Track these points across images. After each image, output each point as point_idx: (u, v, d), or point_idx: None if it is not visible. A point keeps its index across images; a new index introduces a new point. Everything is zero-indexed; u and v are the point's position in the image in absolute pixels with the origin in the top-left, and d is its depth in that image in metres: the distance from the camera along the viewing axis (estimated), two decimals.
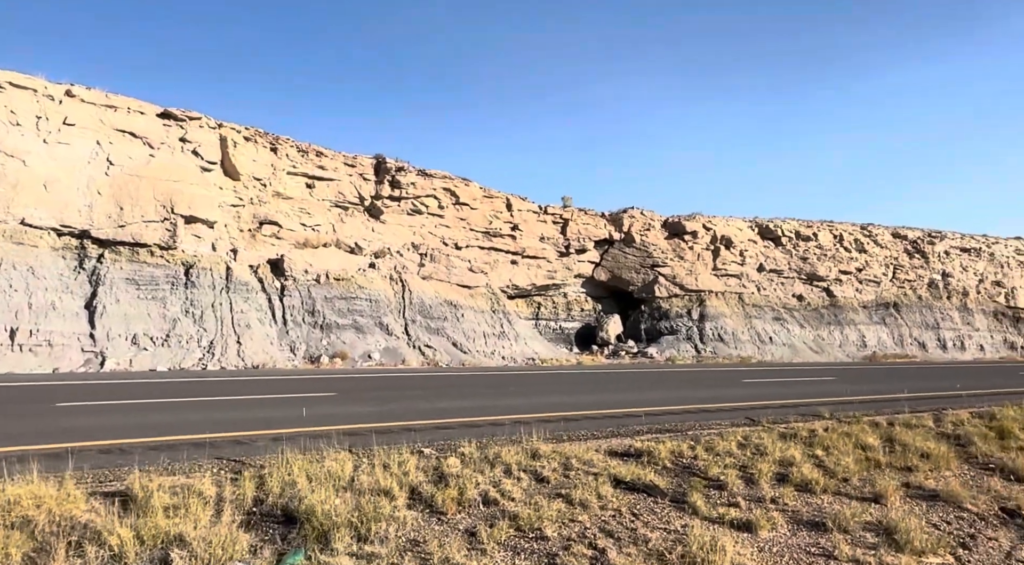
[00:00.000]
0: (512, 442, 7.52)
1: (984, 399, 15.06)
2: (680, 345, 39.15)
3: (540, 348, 35.22)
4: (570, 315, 40.44)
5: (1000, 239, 57.91)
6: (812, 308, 45.41)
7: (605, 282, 41.42)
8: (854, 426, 9.82)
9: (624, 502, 6.17)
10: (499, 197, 37.45)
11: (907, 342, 47.47)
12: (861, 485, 7.33)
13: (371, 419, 9.73)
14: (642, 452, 7.55)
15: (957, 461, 8.84)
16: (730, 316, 41.68)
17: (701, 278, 41.88)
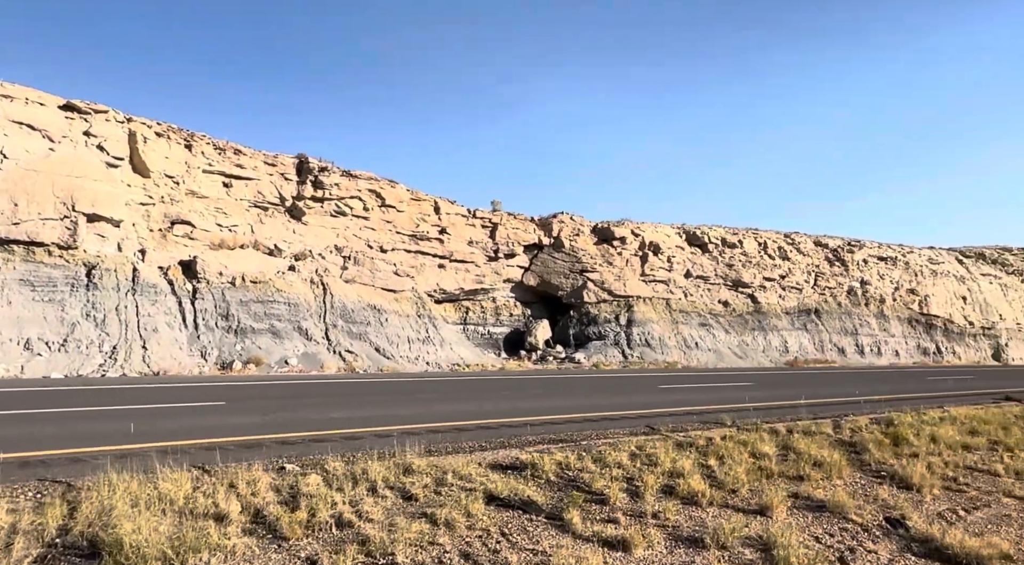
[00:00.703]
0: (388, 456, 7.04)
1: (889, 404, 15.32)
2: (608, 350, 39.25)
3: (466, 353, 34.73)
4: (499, 320, 40.09)
5: (915, 248, 60.31)
6: (737, 314, 46.24)
7: (534, 287, 41.25)
8: (752, 434, 9.68)
9: (495, 521, 5.76)
10: (427, 200, 36.86)
11: (827, 348, 48.82)
12: (750, 496, 7.11)
13: (249, 431, 9.09)
14: (527, 465, 7.16)
15: (850, 469, 8.76)
16: (657, 322, 42.04)
17: (629, 284, 42.13)
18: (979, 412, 13.24)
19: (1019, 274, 67.59)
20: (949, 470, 9.07)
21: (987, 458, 10.07)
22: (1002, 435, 11.32)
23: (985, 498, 8.17)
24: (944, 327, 57.35)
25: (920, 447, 10.00)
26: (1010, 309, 63.41)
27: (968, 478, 8.97)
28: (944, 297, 58.46)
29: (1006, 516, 7.55)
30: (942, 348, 56.20)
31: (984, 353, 59.22)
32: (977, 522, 7.21)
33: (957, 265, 62.10)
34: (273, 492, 5.70)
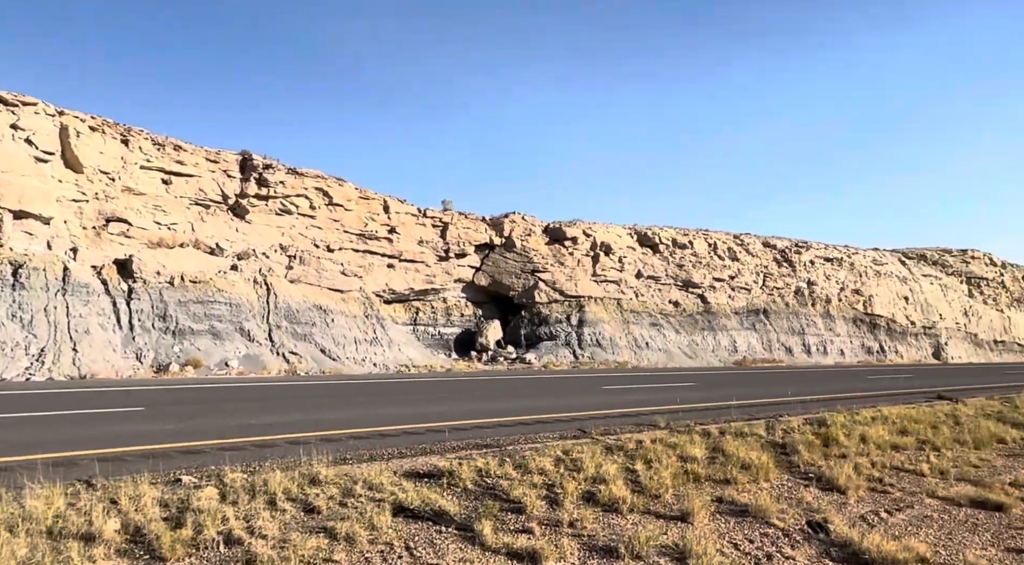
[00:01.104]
0: (297, 465, 6.70)
1: (827, 404, 15.43)
2: (559, 351, 39.20)
3: (415, 354, 34.30)
4: (449, 320, 39.72)
5: (859, 250, 61.72)
6: (687, 314, 46.65)
7: (486, 287, 40.98)
8: (684, 436, 9.57)
9: (402, 533, 5.48)
10: (376, 199, 36.30)
11: (775, 347, 49.60)
12: (673, 502, 6.96)
13: (158, 439, 8.64)
14: (444, 473, 6.89)
15: (778, 471, 8.70)
16: (608, 322, 42.15)
17: (581, 284, 42.16)
18: (911, 411, 13.41)
19: (958, 275, 69.73)
20: (876, 471, 9.08)
21: (914, 458, 10.14)
22: (930, 434, 11.45)
23: (909, 499, 8.18)
24: (887, 327, 58.81)
25: (850, 448, 10.02)
26: (949, 309, 65.35)
27: (894, 479, 8.99)
28: (887, 297, 59.96)
29: (927, 517, 7.54)
30: (885, 347, 57.61)
31: (925, 352, 60.91)
32: (899, 524, 7.18)
33: (900, 266, 63.76)
34: (160, 507, 5.32)
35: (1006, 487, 8.95)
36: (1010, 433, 12.47)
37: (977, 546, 6.74)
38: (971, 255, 72.26)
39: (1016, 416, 14.18)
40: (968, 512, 7.91)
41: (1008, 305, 73.09)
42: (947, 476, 9.35)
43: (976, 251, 73.20)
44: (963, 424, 12.90)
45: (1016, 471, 10.12)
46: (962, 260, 71.18)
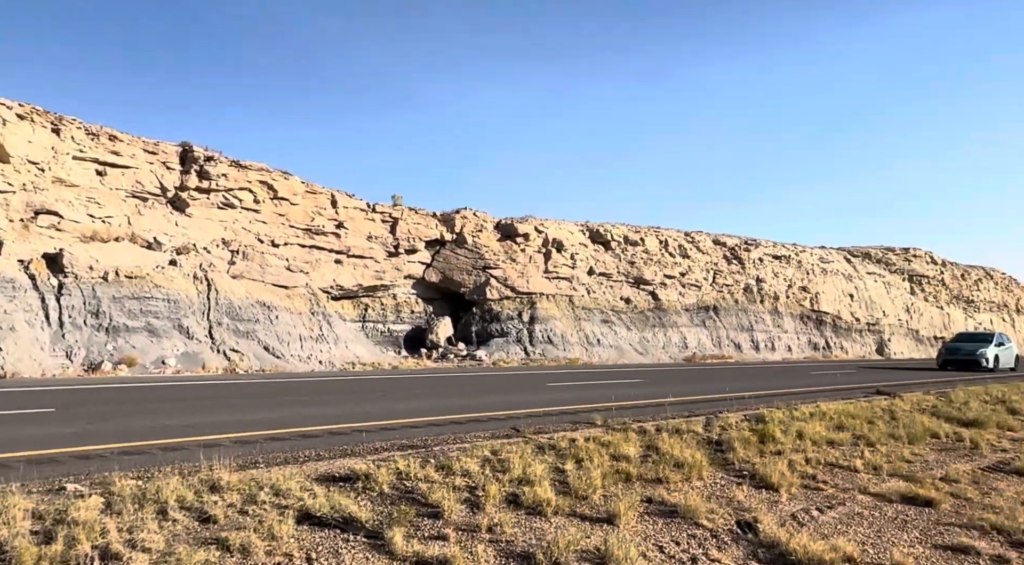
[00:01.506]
0: (198, 470, 6.27)
1: (768, 399, 15.46)
2: (510, 347, 38.98)
3: (363, 351, 33.70)
4: (399, 317, 39.16)
5: (807, 248, 62.90)
6: (638, 311, 46.89)
7: (436, 284, 40.53)
8: (620, 434, 9.37)
9: (304, 543, 5.11)
10: (323, 193, 35.55)
11: (724, 343, 50.21)
12: (602, 503, 6.71)
13: (56, 443, 8.08)
14: (361, 476, 6.53)
15: (712, 469, 8.54)
16: (560, 318, 42.09)
17: (533, 281, 42.01)
18: (849, 407, 13.48)
19: (901, 273, 71.63)
20: (810, 467, 9.00)
21: (849, 453, 10.12)
22: (866, 430, 11.47)
23: (841, 496, 8.09)
24: (833, 323, 60.08)
25: (786, 444, 9.94)
26: (892, 306, 67.10)
27: (828, 475, 8.92)
28: (833, 294, 61.25)
29: (858, 514, 7.45)
30: (831, 343, 58.84)
31: (869, 348, 62.42)
32: (829, 523, 7.06)
33: (845, 264, 65.19)
34: (32, 520, 4.85)
35: (937, 482, 8.96)
36: (943, 428, 12.60)
37: (905, 544, 6.65)
38: (913, 254, 74.31)
39: (950, 411, 14.39)
40: (898, 508, 7.86)
41: (947, 302, 75.40)
42: (880, 472, 9.32)
43: (918, 250, 75.32)
44: (899, 419, 13.01)
45: (947, 466, 10.17)
46: (905, 258, 73.15)
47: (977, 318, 78.86)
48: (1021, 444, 12.42)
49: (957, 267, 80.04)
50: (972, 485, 9.17)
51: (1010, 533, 7.11)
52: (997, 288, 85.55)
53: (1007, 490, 9.01)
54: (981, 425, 13.22)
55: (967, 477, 9.49)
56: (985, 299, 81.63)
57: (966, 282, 79.41)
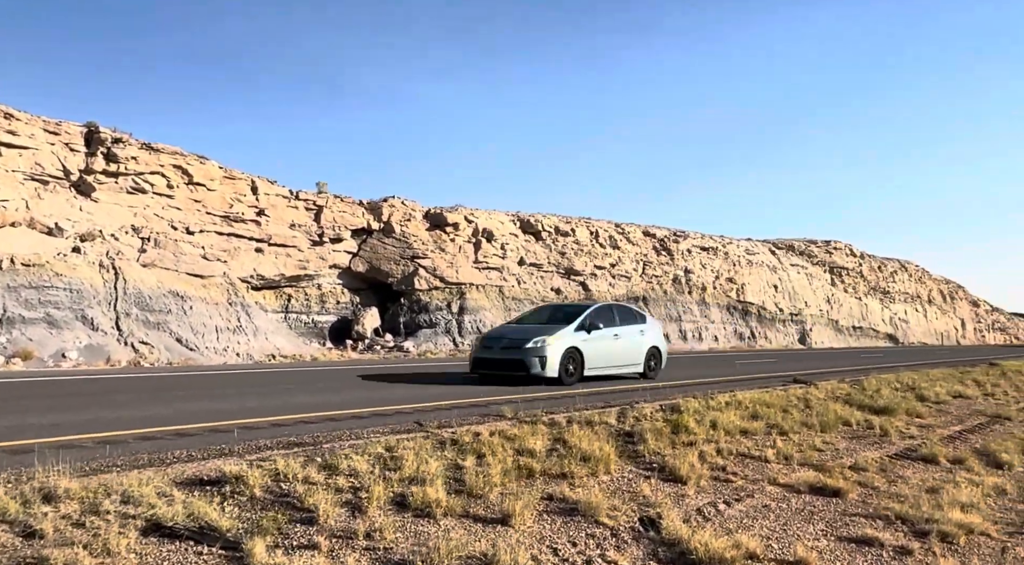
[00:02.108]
0: (32, 476, 5.55)
1: (686, 389, 15.34)
2: (438, 338, 38.38)
3: (285, 343, 32.57)
4: (324, 308, 38.05)
5: (734, 239, 64.21)
6: None
7: (363, 274, 39.55)
8: (529, 427, 8.98)
9: (147, 558, 4.50)
10: (243, 179, 34.14)
11: None
12: (498, 502, 6.26)
13: None
14: (231, 478, 5.92)
15: (622, 462, 8.23)
16: (490, 309, 41.68)
17: (462, 271, 41.45)
18: (765, 396, 13.46)
19: (822, 265, 73.95)
20: (721, 459, 8.79)
21: (762, 443, 9.99)
22: (780, 419, 11.41)
23: (750, 488, 7.88)
24: (758, 314, 61.56)
25: (699, 435, 9.73)
26: (814, 297, 69.22)
27: (738, 466, 8.73)
28: (759, 285, 62.74)
29: (765, 506, 7.24)
30: (756, 333, 60.29)
31: (792, 338, 64.24)
32: (735, 517, 6.81)
33: (770, 255, 66.86)
34: None
35: (845, 471, 8.88)
36: (855, 415, 12.69)
37: (810, 537, 6.45)
38: (834, 246, 76.83)
39: (862, 399, 14.56)
40: (806, 499, 7.70)
41: (866, 293, 78.31)
42: (791, 461, 9.20)
43: (838, 242, 77.92)
44: (813, 407, 13.05)
45: (857, 454, 10.16)
46: (826, 251, 75.56)
47: (892, 309, 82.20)
48: (928, 431, 12.61)
49: (874, 259, 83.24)
50: (880, 473, 9.14)
51: (914, 522, 7.01)
52: (911, 279, 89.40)
53: (913, 478, 9.01)
54: (891, 412, 13.39)
55: (875, 465, 9.46)
56: (900, 290, 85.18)
57: (883, 274, 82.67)
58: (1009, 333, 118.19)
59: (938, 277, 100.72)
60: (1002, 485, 9.11)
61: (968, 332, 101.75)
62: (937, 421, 13.83)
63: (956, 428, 13.37)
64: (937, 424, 13.46)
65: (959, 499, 7.96)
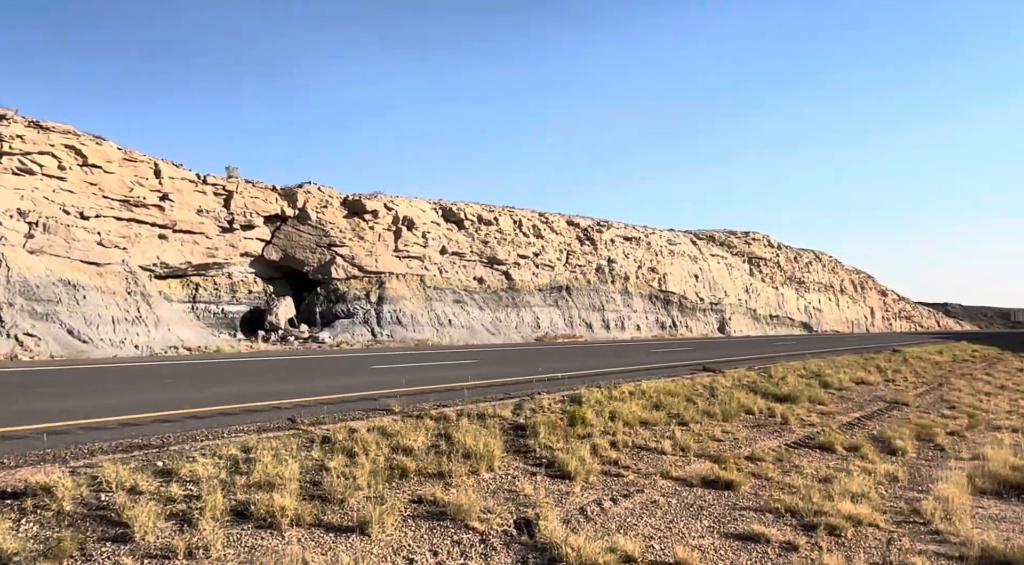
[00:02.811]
0: None
1: (601, 378, 15.00)
2: (356, 329, 37.28)
3: (190, 335, 30.95)
4: (235, 298, 36.42)
5: (656, 230, 65.00)
6: (492, 291, 46.43)
7: (277, 262, 38.02)
8: (413, 422, 8.39)
9: None
10: (144, 161, 32.18)
11: (576, 323, 50.82)
12: (360, 507, 5.67)
13: None
14: (38, 490, 5.13)
15: (510, 458, 7.75)
16: (411, 299, 40.80)
17: (382, 260, 40.40)
18: (670, 384, 13.26)
19: (741, 255, 75.77)
20: (615, 452, 8.42)
21: (661, 434, 9.70)
22: (682, 408, 11.17)
23: (642, 482, 7.52)
24: (679, 303, 62.53)
25: (597, 427, 9.35)
26: (733, 286, 70.85)
27: (633, 459, 8.38)
28: (680, 275, 63.73)
29: (654, 502, 6.88)
30: (677, 322, 61.22)
31: (712, 326, 65.57)
32: (619, 515, 6.41)
33: (691, 246, 68.01)
34: None
35: (741, 462, 8.65)
36: (759, 403, 12.61)
37: (696, 534, 6.10)
38: (752, 237, 78.82)
39: (768, 386, 14.57)
40: (698, 493, 7.40)
41: (782, 283, 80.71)
42: (688, 453, 8.92)
43: (757, 233, 79.99)
44: (718, 396, 12.92)
45: (756, 443, 9.99)
46: (745, 242, 77.44)
47: (807, 298, 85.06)
48: (828, 418, 12.65)
49: (791, 250, 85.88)
50: (776, 463, 8.96)
51: (803, 515, 6.77)
52: (825, 270, 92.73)
53: (808, 467, 8.86)
54: (794, 400, 13.40)
55: (772, 455, 9.29)
56: (814, 280, 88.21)
57: (798, 264, 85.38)
58: (914, 321, 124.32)
59: (849, 267, 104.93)
60: (894, 472, 9.07)
61: (877, 320, 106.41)
62: (838, 408, 13.95)
63: (856, 415, 13.50)
64: (838, 411, 13.56)
65: (850, 489, 7.81)
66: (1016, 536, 6.80)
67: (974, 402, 16.70)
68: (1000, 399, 18.07)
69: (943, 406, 15.78)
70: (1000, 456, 9.96)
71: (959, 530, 6.72)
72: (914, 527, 6.90)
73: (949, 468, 9.79)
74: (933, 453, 10.92)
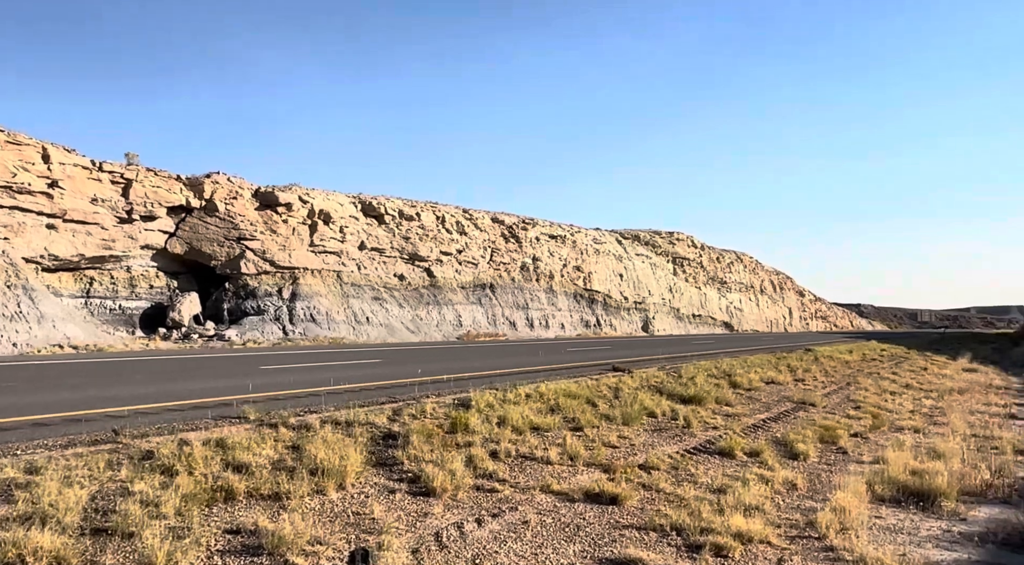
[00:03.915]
0: None
1: (506, 378, 14.21)
2: (266, 327, 35.57)
3: (79, 332, 28.78)
4: (135, 293, 34.21)
5: (582, 229, 64.94)
6: (413, 288, 45.27)
7: (182, 255, 35.92)
8: (265, 432, 7.39)
9: None
10: (31, 144, 29.77)
11: (500, 321, 50.13)
12: (150, 544, 4.64)
13: None
14: None
15: (370, 473, 6.84)
16: (326, 295, 39.28)
17: (296, 254, 38.73)
18: (572, 386, 12.57)
19: (666, 255, 76.63)
20: (493, 463, 7.60)
21: (552, 440, 8.96)
22: (580, 412, 10.47)
23: (517, 498, 6.73)
24: (604, 302, 62.65)
25: (480, 434, 8.53)
26: (658, 286, 71.54)
27: (514, 471, 7.58)
28: (605, 274, 63.86)
29: (525, 523, 6.09)
30: (602, 321, 61.31)
31: (636, 325, 65.99)
32: (481, 540, 5.59)
33: (617, 245, 68.29)
34: None
35: (633, 471, 7.97)
36: (663, 405, 12.06)
37: (564, 561, 5.33)
38: (676, 237, 79.86)
39: (675, 387, 14.07)
40: (579, 509, 6.66)
41: (705, 283, 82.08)
42: (577, 462, 8.20)
43: (681, 233, 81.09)
44: (621, 398, 12.31)
45: (653, 449, 9.36)
46: (669, 242, 78.38)
47: (729, 298, 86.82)
48: (733, 420, 12.20)
49: (714, 251, 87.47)
50: (670, 472, 8.33)
51: (689, 533, 6.10)
52: (746, 270, 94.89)
53: (703, 476, 8.25)
54: (700, 401, 12.92)
55: (668, 462, 8.66)
56: (736, 280, 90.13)
57: (721, 264, 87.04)
58: (830, 321, 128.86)
59: (770, 268, 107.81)
60: (793, 479, 8.57)
61: (795, 320, 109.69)
62: (745, 409, 13.56)
63: (762, 416, 13.12)
64: (744, 413, 13.14)
65: (744, 501, 7.21)
66: (912, 550, 6.32)
67: (879, 402, 16.67)
68: (904, 398, 18.17)
69: (849, 406, 15.65)
70: (900, 459, 9.61)
71: (854, 546, 6.18)
72: (808, 543, 6.33)
73: (850, 473, 9.39)
74: (836, 456, 10.55)
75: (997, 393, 20.48)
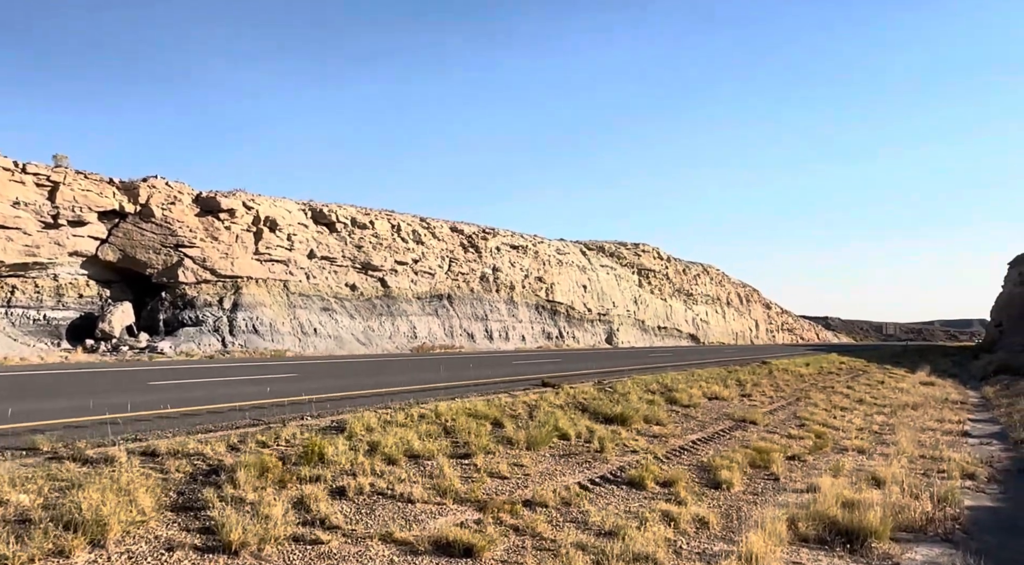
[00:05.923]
0: None
1: (426, 394, 12.89)
2: (204, 338, 33.80)
3: None
4: (62, 302, 32.29)
5: (545, 239, 63.87)
6: (365, 298, 43.73)
7: (115, 263, 34.06)
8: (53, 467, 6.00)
9: None
10: None
11: (457, 333, 48.73)
12: None
13: None
14: None
15: (167, 519, 5.47)
16: (271, 306, 37.61)
17: (239, 263, 37.04)
18: (481, 405, 11.26)
19: (631, 267, 75.84)
20: (333, 504, 6.27)
21: (428, 471, 7.65)
22: (476, 435, 9.15)
23: (344, 552, 5.40)
24: (567, 313, 61.53)
25: (338, 465, 7.20)
26: (622, 298, 70.65)
27: (357, 515, 6.24)
28: (568, 285, 62.78)
29: None
30: (564, 333, 60.14)
31: (600, 337, 64.92)
32: None
33: (581, 256, 67.31)
34: None
35: (512, 510, 6.69)
36: (580, 426, 10.81)
37: None
38: (642, 249, 79.15)
39: (603, 405, 12.85)
40: (425, 562, 5.36)
41: (671, 295, 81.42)
42: (447, 498, 6.90)
43: (646, 245, 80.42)
44: (536, 417, 11.03)
45: (547, 481, 8.09)
46: (635, 253, 77.62)
47: (695, 310, 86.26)
48: (658, 442, 10.99)
49: (680, 262, 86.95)
50: (558, 509, 7.07)
51: None
52: (712, 283, 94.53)
53: (596, 515, 6.98)
54: (624, 421, 11.70)
55: (560, 498, 7.39)
56: (702, 292, 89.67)
57: (687, 276, 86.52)
58: (796, 333, 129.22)
59: (736, 281, 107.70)
60: (705, 516, 7.34)
61: (761, 332, 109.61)
62: (676, 429, 12.36)
63: (693, 437, 11.93)
64: (673, 433, 11.94)
65: (635, 548, 5.97)
66: None
67: (827, 419, 15.62)
68: (855, 414, 17.16)
69: (794, 424, 14.56)
70: (834, 489, 8.46)
71: None
72: None
73: (778, 505, 8.23)
74: (765, 484, 9.38)
75: (952, 408, 19.59)
